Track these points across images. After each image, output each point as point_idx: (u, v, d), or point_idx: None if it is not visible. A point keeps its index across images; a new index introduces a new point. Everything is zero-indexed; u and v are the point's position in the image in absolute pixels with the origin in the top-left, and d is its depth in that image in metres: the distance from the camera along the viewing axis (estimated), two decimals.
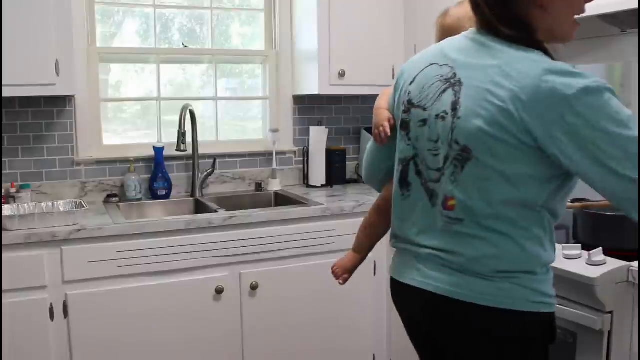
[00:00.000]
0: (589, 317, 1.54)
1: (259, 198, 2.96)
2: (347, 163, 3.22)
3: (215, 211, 2.47)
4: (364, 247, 1.63)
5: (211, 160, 2.93)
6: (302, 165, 3.15)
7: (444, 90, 1.25)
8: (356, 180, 3.24)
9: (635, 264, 1.53)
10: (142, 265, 2.25)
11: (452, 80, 1.25)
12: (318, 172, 3.05)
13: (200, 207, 2.75)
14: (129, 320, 2.25)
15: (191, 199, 2.84)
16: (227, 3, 3.07)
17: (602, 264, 1.55)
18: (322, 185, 3.05)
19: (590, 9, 1.22)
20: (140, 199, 2.76)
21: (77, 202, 2.40)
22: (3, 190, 2.49)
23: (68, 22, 2.36)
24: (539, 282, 1.24)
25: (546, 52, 1.20)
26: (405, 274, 1.36)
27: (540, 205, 1.21)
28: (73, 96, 2.66)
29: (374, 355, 2.66)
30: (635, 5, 1.72)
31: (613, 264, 1.55)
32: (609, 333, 1.54)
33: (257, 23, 3.11)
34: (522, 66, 1.15)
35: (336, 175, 3.13)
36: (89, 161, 2.75)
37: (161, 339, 2.31)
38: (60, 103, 2.67)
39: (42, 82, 2.32)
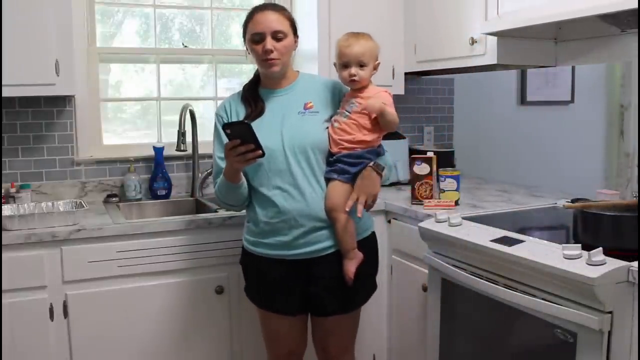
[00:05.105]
0: (589, 317, 1.54)
1: None
2: None
3: (215, 211, 2.47)
4: None
5: (211, 160, 2.91)
6: None
7: None
8: None
9: (635, 264, 1.53)
10: (142, 265, 2.25)
11: None
12: None
13: (200, 207, 2.75)
14: (129, 320, 2.25)
15: (191, 199, 2.84)
16: (227, 3, 3.07)
17: (602, 264, 1.54)
18: None
19: (591, 9, 1.21)
20: (140, 199, 2.76)
21: (77, 202, 2.40)
22: (3, 190, 2.49)
23: (68, 22, 2.36)
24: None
25: None
26: None
27: None
28: (73, 96, 2.66)
29: (374, 355, 2.66)
30: (635, 5, 1.72)
31: (613, 264, 1.55)
32: (609, 333, 1.54)
33: None
34: None
35: None
36: (88, 161, 2.75)
37: (161, 339, 2.31)
38: (60, 103, 2.67)
39: (42, 82, 2.32)
